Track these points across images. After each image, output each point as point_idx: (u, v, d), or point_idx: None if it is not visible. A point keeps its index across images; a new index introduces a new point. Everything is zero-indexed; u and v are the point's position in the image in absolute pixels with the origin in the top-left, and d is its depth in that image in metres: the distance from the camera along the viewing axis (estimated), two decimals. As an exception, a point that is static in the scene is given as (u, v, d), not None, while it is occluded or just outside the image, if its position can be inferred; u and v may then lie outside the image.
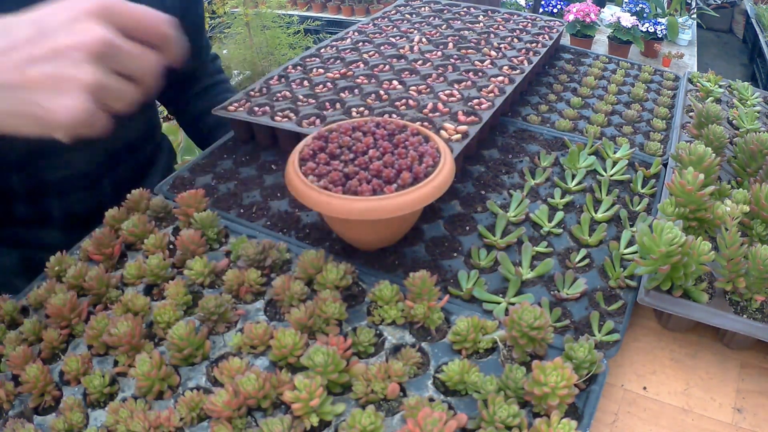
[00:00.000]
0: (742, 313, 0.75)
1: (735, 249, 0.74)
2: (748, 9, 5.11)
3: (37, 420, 0.67)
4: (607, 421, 0.70)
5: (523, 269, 0.83)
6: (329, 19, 4.26)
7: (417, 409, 0.59)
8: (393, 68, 1.20)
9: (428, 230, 0.90)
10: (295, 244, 0.87)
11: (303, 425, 0.61)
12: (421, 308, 0.72)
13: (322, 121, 1.03)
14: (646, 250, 0.74)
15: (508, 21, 1.49)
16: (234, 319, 0.75)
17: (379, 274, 0.82)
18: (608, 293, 0.81)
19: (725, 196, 0.91)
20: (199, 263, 0.79)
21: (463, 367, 0.65)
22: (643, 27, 3.59)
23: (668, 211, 0.81)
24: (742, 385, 0.74)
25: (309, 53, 1.29)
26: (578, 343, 0.67)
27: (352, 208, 0.72)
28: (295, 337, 0.68)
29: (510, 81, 1.16)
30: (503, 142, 1.13)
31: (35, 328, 0.75)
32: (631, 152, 1.07)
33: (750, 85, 1.35)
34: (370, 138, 0.81)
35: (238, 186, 1.00)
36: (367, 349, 0.70)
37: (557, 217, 0.92)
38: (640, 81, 1.41)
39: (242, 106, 1.08)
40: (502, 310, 0.77)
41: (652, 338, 0.81)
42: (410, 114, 1.03)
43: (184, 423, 0.63)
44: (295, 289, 0.74)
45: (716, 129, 0.98)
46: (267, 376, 0.64)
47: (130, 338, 0.69)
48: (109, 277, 0.80)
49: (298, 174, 0.76)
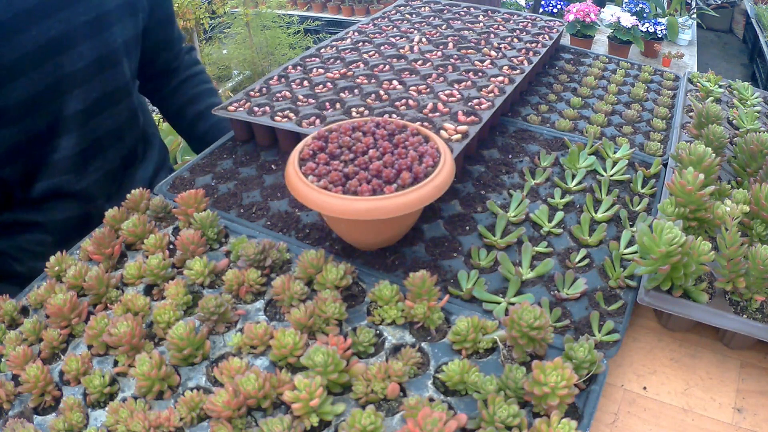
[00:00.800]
0: (742, 313, 0.75)
1: (735, 249, 0.74)
2: (748, 9, 5.11)
3: (37, 420, 0.67)
4: (607, 421, 0.70)
5: (523, 269, 0.83)
6: (329, 19, 4.26)
7: (417, 409, 0.59)
8: (393, 68, 1.20)
9: (428, 230, 0.90)
10: (295, 244, 0.87)
11: (303, 425, 0.61)
12: (421, 308, 0.72)
13: (322, 121, 1.03)
14: (646, 250, 0.74)
15: (508, 21, 1.49)
16: (234, 319, 0.75)
17: (379, 274, 0.82)
18: (608, 293, 0.81)
19: (725, 196, 0.91)
20: (199, 263, 0.79)
21: (463, 367, 0.65)
22: (643, 27, 3.59)
23: (668, 211, 0.81)
24: (742, 385, 0.74)
25: (309, 53, 1.29)
26: (578, 343, 0.67)
27: (352, 208, 0.72)
28: (295, 337, 0.68)
29: (510, 81, 1.16)
30: (503, 142, 1.13)
31: (35, 328, 0.75)
32: (631, 152, 1.07)
33: (750, 85, 1.35)
34: (370, 138, 0.81)
35: (238, 186, 1.00)
36: (367, 349, 0.70)
37: (557, 217, 0.92)
38: (640, 81, 1.41)
39: (242, 106, 1.08)
40: (502, 310, 0.77)
41: (652, 338, 0.81)
42: (410, 114, 1.03)
43: (184, 423, 0.63)
44: (295, 289, 0.74)
45: (716, 129, 0.98)
46: (267, 376, 0.64)
47: (130, 338, 0.69)
48: (109, 277, 0.80)
49: (298, 174, 0.76)
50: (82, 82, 1.02)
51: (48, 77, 0.96)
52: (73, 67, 0.99)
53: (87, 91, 1.03)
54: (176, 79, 1.33)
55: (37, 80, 0.95)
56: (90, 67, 1.02)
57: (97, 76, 1.04)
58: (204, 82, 1.37)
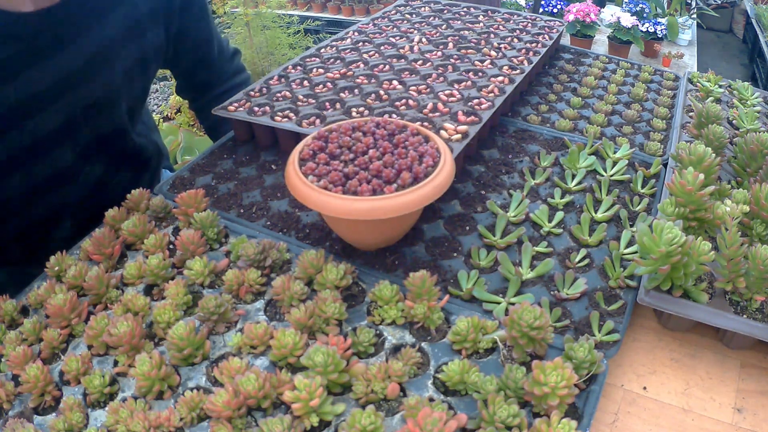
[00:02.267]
0: (742, 313, 0.75)
1: (735, 249, 0.74)
2: (748, 9, 5.11)
3: (37, 420, 0.67)
4: (607, 421, 0.70)
5: (523, 269, 0.83)
6: (329, 19, 4.25)
7: (417, 409, 0.59)
8: (393, 68, 1.20)
9: (428, 230, 0.90)
10: (295, 244, 0.87)
11: (303, 425, 0.61)
12: (421, 308, 0.72)
13: (322, 121, 1.03)
14: (646, 250, 0.74)
15: (508, 21, 1.49)
16: (234, 319, 0.74)
17: (379, 274, 0.82)
18: (608, 293, 0.81)
19: (725, 196, 0.91)
20: (199, 263, 0.79)
21: (463, 367, 0.65)
22: (643, 27, 3.58)
23: (668, 211, 0.81)
24: (742, 385, 0.74)
25: (309, 53, 1.29)
26: (578, 343, 0.67)
27: (352, 208, 0.72)
28: (295, 337, 0.68)
29: (510, 81, 1.16)
30: (503, 142, 1.13)
31: (35, 328, 0.75)
32: (631, 152, 1.07)
33: (750, 85, 1.35)
34: (370, 138, 0.81)
35: (238, 186, 1.00)
36: (367, 349, 0.70)
37: (557, 217, 0.92)
38: (640, 81, 1.41)
39: (242, 106, 1.08)
40: (502, 310, 0.77)
41: (652, 338, 0.80)
42: (410, 114, 1.03)
43: (184, 423, 0.63)
44: (295, 289, 0.74)
45: (716, 129, 0.98)
46: (267, 376, 0.64)
47: (130, 338, 0.69)
48: (109, 277, 0.80)
49: (298, 174, 0.76)
50: (79, 171, 1.02)
51: (45, 170, 0.96)
52: (70, 158, 0.98)
53: (84, 180, 1.03)
54: (212, 94, 1.30)
55: (34, 174, 0.94)
56: (89, 149, 1.01)
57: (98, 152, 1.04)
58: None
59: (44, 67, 0.87)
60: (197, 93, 1.32)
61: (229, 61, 1.32)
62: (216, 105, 1.30)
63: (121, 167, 1.11)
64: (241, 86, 1.34)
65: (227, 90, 1.31)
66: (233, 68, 1.33)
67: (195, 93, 1.32)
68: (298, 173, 0.76)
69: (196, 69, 1.24)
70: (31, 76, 0.86)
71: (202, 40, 1.20)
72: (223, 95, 1.30)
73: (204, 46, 1.21)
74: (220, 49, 1.27)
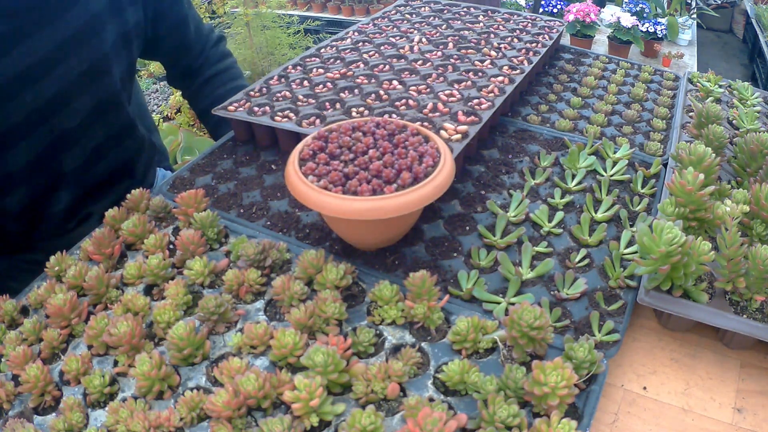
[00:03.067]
0: (742, 313, 0.75)
1: (735, 249, 0.74)
2: (748, 9, 5.11)
3: (37, 420, 0.67)
4: (607, 421, 0.70)
5: (523, 269, 0.83)
6: (329, 19, 4.25)
7: (417, 409, 0.59)
8: (393, 68, 1.20)
9: (428, 230, 0.90)
10: (295, 244, 0.87)
11: (303, 425, 0.61)
12: (421, 308, 0.72)
13: (322, 121, 1.03)
14: (646, 250, 0.74)
15: (508, 21, 1.49)
16: (234, 319, 0.74)
17: (379, 274, 0.82)
18: (608, 293, 0.81)
19: (725, 196, 0.91)
20: (198, 263, 0.79)
21: (463, 367, 0.65)
22: (643, 27, 3.58)
23: (668, 211, 0.81)
24: (742, 385, 0.74)
25: (309, 53, 1.29)
26: (578, 343, 0.67)
27: (352, 208, 0.72)
28: (295, 337, 0.68)
29: (510, 81, 1.16)
30: (503, 142, 1.13)
31: (35, 328, 0.75)
32: (631, 152, 1.07)
33: (750, 85, 1.35)
34: (370, 138, 0.81)
35: (238, 186, 1.00)
36: (367, 349, 0.70)
37: (557, 217, 0.92)
38: (640, 81, 1.41)
39: (242, 106, 1.08)
40: (502, 310, 0.77)
41: (652, 338, 0.80)
42: (410, 114, 1.03)
43: (184, 423, 0.63)
44: (295, 289, 0.74)
45: (716, 129, 0.98)
46: (267, 376, 0.64)
47: (130, 338, 0.69)
48: (109, 277, 0.80)
49: (298, 174, 0.76)
50: (81, 137, 1.04)
51: (46, 137, 0.98)
52: (71, 123, 1.01)
53: (83, 145, 1.05)
54: (200, 78, 1.32)
55: (37, 142, 0.97)
56: (89, 117, 1.03)
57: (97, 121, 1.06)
58: (231, 79, 1.35)
59: (39, 39, 0.92)
60: (186, 80, 1.34)
61: (213, 46, 1.34)
62: (205, 91, 1.32)
63: (118, 139, 1.14)
64: (228, 71, 1.36)
65: (213, 75, 1.33)
66: (218, 54, 1.36)
67: (183, 80, 1.34)
68: (298, 173, 0.76)
69: (177, 54, 1.27)
70: (26, 48, 0.91)
71: (178, 22, 1.22)
72: (210, 80, 1.33)
73: (181, 27, 1.24)
74: (197, 31, 1.29)
